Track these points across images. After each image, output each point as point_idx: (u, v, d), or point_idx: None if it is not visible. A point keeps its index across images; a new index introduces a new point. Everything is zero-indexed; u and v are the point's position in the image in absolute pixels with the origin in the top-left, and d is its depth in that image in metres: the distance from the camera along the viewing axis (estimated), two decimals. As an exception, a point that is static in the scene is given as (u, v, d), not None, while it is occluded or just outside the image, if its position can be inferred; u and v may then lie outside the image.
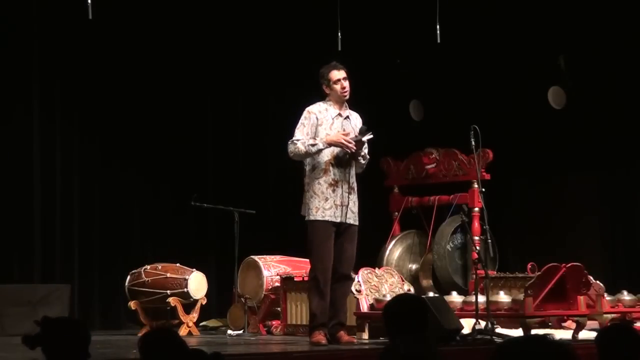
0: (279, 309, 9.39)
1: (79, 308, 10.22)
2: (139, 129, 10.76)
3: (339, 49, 9.60)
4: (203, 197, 9.90)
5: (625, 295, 8.97)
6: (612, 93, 11.06)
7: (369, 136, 7.91)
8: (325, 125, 7.91)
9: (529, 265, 8.80)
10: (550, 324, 8.43)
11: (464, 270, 9.90)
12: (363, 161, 8.00)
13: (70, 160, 10.41)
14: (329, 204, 7.82)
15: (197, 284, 9.56)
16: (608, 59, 11.01)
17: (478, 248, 8.54)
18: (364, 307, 8.59)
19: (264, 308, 9.52)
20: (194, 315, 9.62)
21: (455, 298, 8.54)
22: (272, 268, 9.58)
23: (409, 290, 8.92)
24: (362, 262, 8.91)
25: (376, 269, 9.08)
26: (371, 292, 8.72)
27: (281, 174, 10.86)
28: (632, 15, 10.74)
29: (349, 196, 7.86)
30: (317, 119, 7.90)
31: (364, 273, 8.81)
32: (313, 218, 7.84)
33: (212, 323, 10.29)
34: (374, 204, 9.79)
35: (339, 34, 9.71)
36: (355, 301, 8.55)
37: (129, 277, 9.64)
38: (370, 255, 9.83)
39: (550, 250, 10.60)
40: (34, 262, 10.12)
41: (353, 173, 7.94)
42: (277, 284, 9.42)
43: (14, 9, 10.01)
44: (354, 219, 7.92)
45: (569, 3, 10.96)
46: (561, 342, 3.01)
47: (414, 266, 10.30)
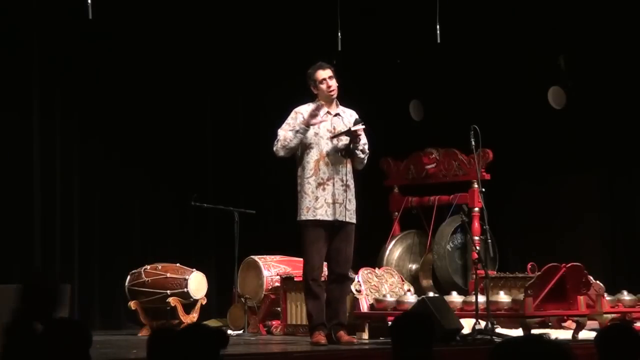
0: (279, 309, 9.38)
1: (79, 308, 10.21)
2: (139, 129, 10.75)
3: (339, 49, 9.61)
4: (203, 197, 9.90)
5: (625, 295, 8.97)
6: (612, 93, 11.06)
7: (359, 126, 7.83)
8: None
9: (529, 265, 8.79)
10: (550, 324, 8.42)
11: (464, 270, 9.89)
12: (362, 155, 7.90)
13: (70, 160, 10.39)
14: (319, 203, 7.78)
15: (197, 284, 9.56)
16: (608, 59, 11.01)
17: (478, 248, 8.54)
18: (364, 307, 8.59)
19: (264, 308, 9.52)
20: (194, 315, 9.61)
21: (455, 298, 8.54)
22: (272, 268, 9.58)
23: (409, 290, 8.91)
24: (362, 262, 8.92)
25: (376, 269, 9.08)
26: (371, 292, 8.72)
27: (281, 174, 10.84)
28: (632, 16, 10.74)
29: (344, 193, 7.80)
30: (304, 118, 7.89)
31: (364, 273, 8.81)
32: (304, 218, 7.83)
33: (212, 323, 10.26)
34: (374, 204, 9.77)
35: (339, 34, 9.71)
36: (355, 301, 8.56)
37: (129, 277, 9.63)
38: (370, 255, 9.84)
39: (550, 250, 10.60)
40: (34, 262, 10.11)
41: (348, 170, 7.86)
42: (277, 284, 9.42)
43: (14, 8, 10.01)
44: (349, 216, 7.83)
45: (569, 3, 10.96)
46: (558, 342, 3.02)
47: (414, 266, 10.30)
